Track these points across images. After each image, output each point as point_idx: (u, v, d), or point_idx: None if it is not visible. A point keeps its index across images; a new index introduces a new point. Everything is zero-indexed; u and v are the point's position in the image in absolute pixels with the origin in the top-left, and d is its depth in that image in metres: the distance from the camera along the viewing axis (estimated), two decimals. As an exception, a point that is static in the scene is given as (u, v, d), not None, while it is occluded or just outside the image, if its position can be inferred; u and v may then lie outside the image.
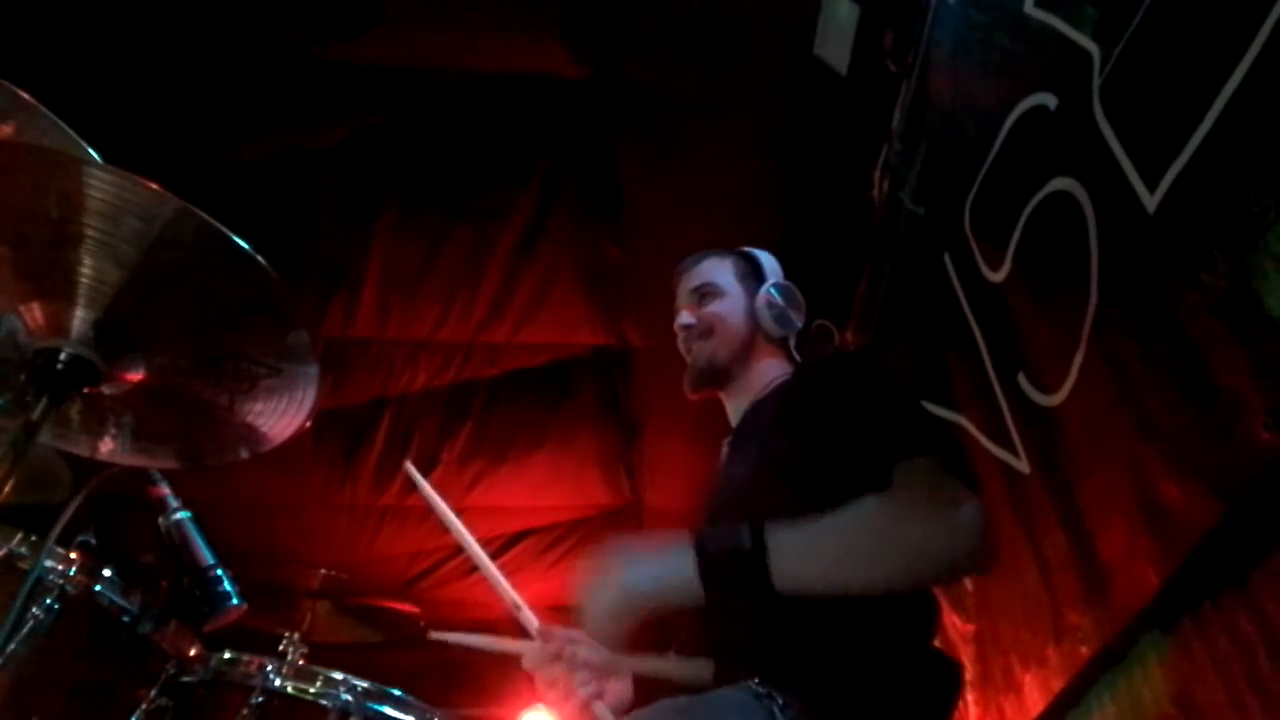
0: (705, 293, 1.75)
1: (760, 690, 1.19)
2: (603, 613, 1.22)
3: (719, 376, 1.71)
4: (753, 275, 1.79)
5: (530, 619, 1.42)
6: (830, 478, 1.31)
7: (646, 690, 1.37)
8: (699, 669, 1.34)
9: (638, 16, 2.57)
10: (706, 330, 1.71)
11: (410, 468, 1.59)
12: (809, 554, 1.20)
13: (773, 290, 1.75)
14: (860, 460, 1.29)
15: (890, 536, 1.21)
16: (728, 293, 1.75)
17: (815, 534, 1.20)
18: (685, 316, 1.75)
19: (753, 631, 1.31)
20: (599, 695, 1.30)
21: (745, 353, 1.71)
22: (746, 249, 1.86)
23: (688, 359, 1.74)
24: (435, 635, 1.50)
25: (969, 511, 1.21)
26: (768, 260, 1.84)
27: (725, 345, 1.70)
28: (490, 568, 1.47)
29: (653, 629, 1.31)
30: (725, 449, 1.69)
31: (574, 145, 2.88)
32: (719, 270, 1.79)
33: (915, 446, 1.29)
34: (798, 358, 1.76)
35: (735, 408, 1.71)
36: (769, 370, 1.70)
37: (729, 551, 1.19)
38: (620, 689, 1.37)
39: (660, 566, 1.22)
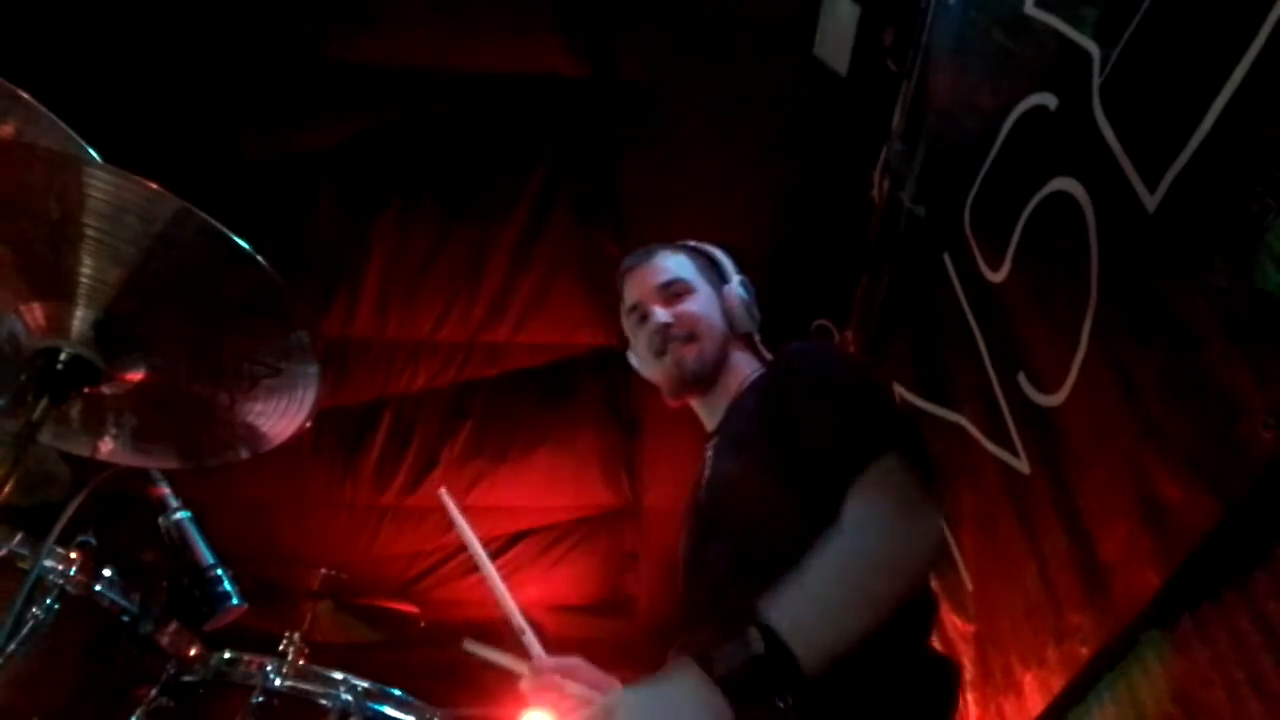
0: (676, 291, 1.67)
1: None
2: None
3: (707, 382, 1.64)
4: (713, 269, 1.75)
5: (534, 644, 1.44)
6: (816, 475, 1.31)
7: None
8: None
9: (638, 16, 2.57)
10: (689, 333, 1.63)
11: (444, 494, 1.60)
12: (824, 623, 1.13)
13: (739, 285, 1.71)
14: (836, 465, 1.29)
15: (886, 563, 1.20)
16: (698, 289, 1.69)
17: (818, 600, 1.15)
18: (662, 314, 1.64)
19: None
20: None
21: (725, 353, 1.65)
22: (693, 243, 1.80)
23: (658, 360, 1.66)
24: (468, 646, 1.50)
25: (930, 513, 1.28)
26: (721, 254, 1.79)
27: (711, 349, 1.63)
28: (504, 593, 1.49)
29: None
30: (709, 453, 1.63)
31: (574, 145, 2.88)
32: (680, 265, 1.72)
33: (878, 446, 1.29)
34: (765, 353, 1.72)
35: (711, 410, 1.66)
36: (743, 368, 1.66)
37: (747, 666, 1.09)
38: None
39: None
